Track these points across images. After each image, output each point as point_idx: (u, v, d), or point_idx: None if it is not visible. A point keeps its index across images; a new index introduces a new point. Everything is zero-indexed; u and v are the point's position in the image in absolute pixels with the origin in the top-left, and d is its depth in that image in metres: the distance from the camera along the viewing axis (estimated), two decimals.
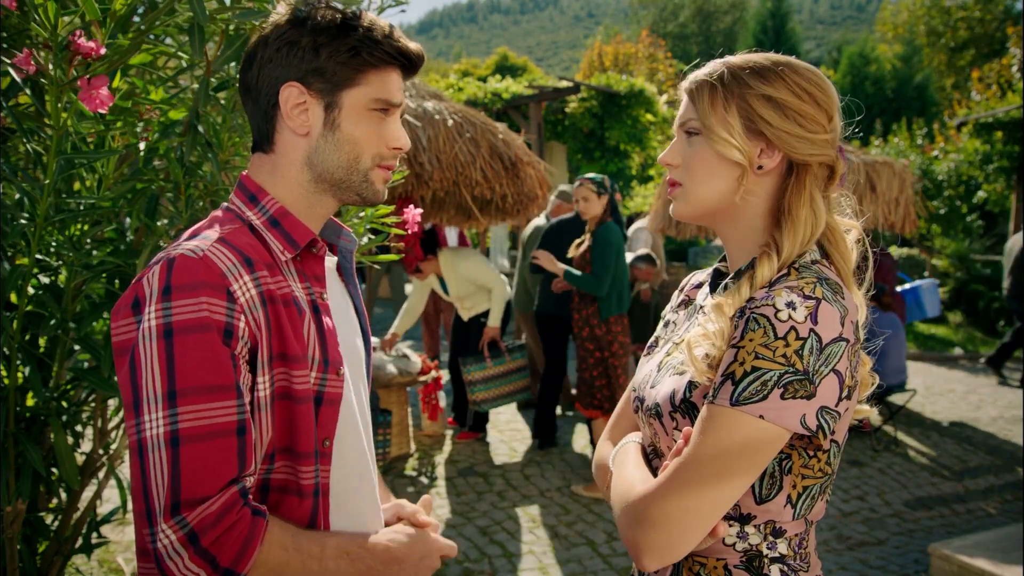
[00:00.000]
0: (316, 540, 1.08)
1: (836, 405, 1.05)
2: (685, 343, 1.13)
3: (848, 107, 1.23)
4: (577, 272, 4.49)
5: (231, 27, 1.75)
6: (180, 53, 1.88)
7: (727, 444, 1.02)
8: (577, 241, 4.65)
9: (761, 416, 1.01)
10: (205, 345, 1.00)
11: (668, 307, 1.39)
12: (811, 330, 1.02)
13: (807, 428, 1.03)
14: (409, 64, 1.17)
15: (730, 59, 1.17)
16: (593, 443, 5.11)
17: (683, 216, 1.20)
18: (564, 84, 12.19)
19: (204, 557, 0.96)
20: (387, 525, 1.29)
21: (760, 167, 1.14)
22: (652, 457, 1.24)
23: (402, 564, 1.14)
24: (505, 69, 23.10)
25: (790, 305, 1.03)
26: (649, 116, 12.48)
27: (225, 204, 1.20)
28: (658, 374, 1.22)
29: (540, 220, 5.74)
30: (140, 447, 0.99)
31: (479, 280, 5.14)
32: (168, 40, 2.02)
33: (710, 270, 1.31)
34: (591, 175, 4.55)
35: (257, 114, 1.16)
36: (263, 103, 1.14)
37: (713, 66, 1.18)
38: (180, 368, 0.99)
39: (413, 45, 1.16)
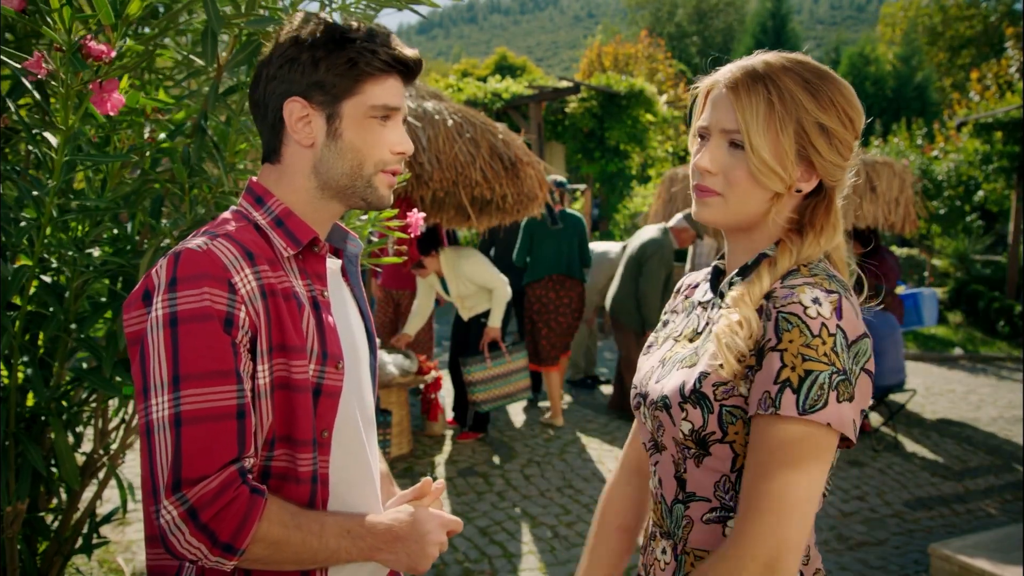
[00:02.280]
0: (316, 518, 1.12)
1: (866, 405, 1.07)
2: (715, 335, 1.11)
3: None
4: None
5: (244, 32, 1.75)
6: (192, 56, 1.88)
7: (804, 452, 1.02)
8: None
9: (829, 424, 1.01)
10: (207, 333, 1.05)
11: (667, 307, 1.39)
12: (838, 326, 1.03)
13: (854, 435, 1.04)
14: (407, 70, 1.21)
15: (774, 62, 1.11)
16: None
17: (710, 222, 1.18)
18: (564, 84, 12.20)
19: (204, 532, 1.01)
20: None
21: (799, 190, 1.14)
22: (651, 452, 1.24)
23: (404, 542, 1.17)
24: (504, 69, 23.10)
25: (816, 301, 1.04)
26: (649, 116, 12.48)
27: (233, 207, 1.25)
28: (662, 369, 1.22)
29: (655, 233, 5.72)
30: (148, 429, 1.05)
31: (480, 280, 5.14)
32: (176, 39, 2.01)
33: (707, 271, 1.32)
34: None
35: (265, 129, 1.22)
36: (270, 118, 1.20)
37: (759, 66, 1.11)
38: (184, 354, 1.04)
39: (410, 51, 1.20)
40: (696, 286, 1.34)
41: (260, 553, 1.06)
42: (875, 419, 6.02)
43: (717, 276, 1.27)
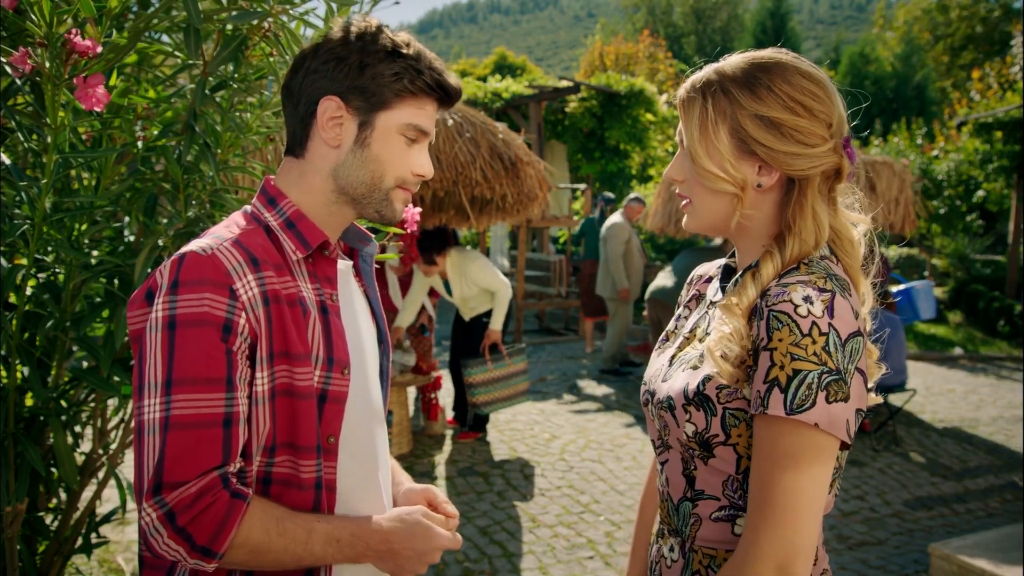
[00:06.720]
0: (305, 525, 1.10)
1: (863, 405, 1.06)
2: (707, 348, 1.13)
3: (853, 96, 1.22)
4: None
5: (228, 27, 1.75)
6: (176, 52, 1.88)
7: (800, 453, 1.01)
8: None
9: (816, 424, 1.01)
10: (203, 339, 1.05)
11: (680, 300, 1.40)
12: (830, 324, 1.02)
13: (849, 437, 1.03)
14: (446, 97, 1.21)
15: (721, 66, 1.14)
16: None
17: (693, 230, 1.22)
18: (564, 84, 12.21)
19: (181, 535, 1.02)
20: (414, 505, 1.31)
21: (759, 185, 1.13)
22: (659, 450, 1.25)
23: (396, 556, 1.16)
24: (503, 68, 23.08)
25: (807, 300, 1.03)
26: (649, 116, 12.49)
27: (247, 206, 1.25)
28: (670, 368, 1.22)
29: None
30: (139, 429, 1.06)
31: (485, 283, 5.11)
32: (164, 38, 2.01)
33: (720, 262, 1.32)
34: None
35: (294, 119, 1.22)
36: (302, 110, 1.20)
37: (703, 75, 1.15)
38: (178, 358, 1.05)
39: (453, 80, 1.22)
40: (708, 280, 1.35)
41: (240, 557, 1.06)
42: (875, 419, 6.02)
43: (727, 273, 1.28)
